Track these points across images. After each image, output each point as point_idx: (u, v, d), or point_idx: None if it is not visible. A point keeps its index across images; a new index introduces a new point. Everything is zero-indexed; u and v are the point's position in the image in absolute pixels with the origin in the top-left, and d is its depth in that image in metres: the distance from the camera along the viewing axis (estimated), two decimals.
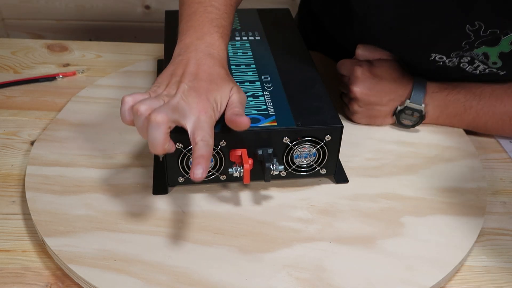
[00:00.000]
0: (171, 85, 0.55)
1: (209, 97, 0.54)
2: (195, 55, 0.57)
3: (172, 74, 0.56)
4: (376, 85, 0.70)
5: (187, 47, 0.59)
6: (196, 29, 0.60)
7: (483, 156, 0.71)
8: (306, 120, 0.59)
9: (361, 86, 0.70)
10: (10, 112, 0.78)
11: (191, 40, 0.59)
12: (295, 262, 0.54)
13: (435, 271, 0.53)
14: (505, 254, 0.58)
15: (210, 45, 0.59)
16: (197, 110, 0.53)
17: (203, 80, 0.55)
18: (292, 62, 0.71)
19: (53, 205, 0.59)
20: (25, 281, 0.54)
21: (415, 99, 0.70)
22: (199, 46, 0.58)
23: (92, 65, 0.90)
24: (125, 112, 0.53)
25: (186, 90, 0.53)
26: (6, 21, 1.52)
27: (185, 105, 0.52)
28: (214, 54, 0.59)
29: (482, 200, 0.62)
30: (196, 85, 0.54)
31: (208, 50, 0.58)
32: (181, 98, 0.53)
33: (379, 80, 0.70)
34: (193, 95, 0.53)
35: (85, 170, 0.65)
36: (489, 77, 0.70)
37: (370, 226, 0.58)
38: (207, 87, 0.55)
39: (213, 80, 0.56)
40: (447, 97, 0.70)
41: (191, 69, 0.56)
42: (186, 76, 0.55)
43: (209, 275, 0.52)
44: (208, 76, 0.56)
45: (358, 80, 0.70)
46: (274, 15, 0.84)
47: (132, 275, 0.52)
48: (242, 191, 0.62)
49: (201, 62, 0.57)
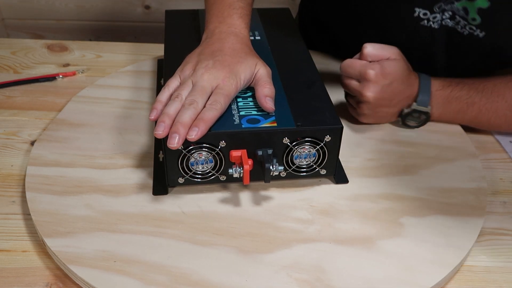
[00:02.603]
0: (200, 63, 0.62)
1: (232, 68, 0.61)
2: (219, 36, 0.65)
3: (199, 53, 0.64)
4: (388, 88, 0.68)
5: (212, 32, 0.67)
6: (217, 15, 0.68)
7: (483, 156, 0.71)
8: (306, 121, 0.59)
9: (374, 90, 0.67)
10: (10, 112, 0.78)
11: (215, 25, 0.67)
12: (295, 263, 0.54)
13: (434, 272, 0.53)
14: (505, 254, 0.58)
15: (231, 25, 0.67)
16: (219, 79, 0.60)
17: (227, 54, 0.62)
18: (292, 62, 0.71)
19: (53, 206, 0.59)
20: (25, 281, 0.54)
21: (421, 101, 0.69)
22: (222, 28, 0.66)
23: (92, 65, 0.90)
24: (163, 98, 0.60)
25: (211, 65, 0.61)
26: (6, 21, 1.52)
27: (210, 78, 0.60)
28: (236, 32, 0.66)
29: (482, 200, 0.62)
30: (220, 59, 0.61)
31: (230, 30, 0.66)
32: (206, 74, 0.60)
33: (390, 82, 0.68)
34: (218, 67, 0.60)
35: (85, 170, 0.65)
36: (472, 45, 0.71)
37: (370, 227, 0.58)
38: (231, 60, 0.62)
39: (237, 54, 0.63)
40: (450, 94, 0.70)
41: (216, 46, 0.64)
42: (212, 53, 0.63)
43: (208, 276, 0.52)
44: (232, 51, 0.63)
45: (371, 84, 0.67)
46: (274, 15, 0.84)
47: (131, 275, 0.52)
48: (242, 192, 0.62)
49: (225, 41, 0.64)
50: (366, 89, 0.68)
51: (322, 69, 0.70)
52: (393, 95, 0.69)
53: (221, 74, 0.60)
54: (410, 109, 0.70)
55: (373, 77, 0.67)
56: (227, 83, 0.59)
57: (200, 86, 0.59)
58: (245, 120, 0.59)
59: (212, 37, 0.66)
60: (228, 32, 0.66)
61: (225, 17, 0.67)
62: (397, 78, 0.68)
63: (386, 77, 0.67)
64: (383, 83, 0.67)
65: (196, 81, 0.60)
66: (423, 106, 0.70)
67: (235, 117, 0.59)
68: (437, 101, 0.71)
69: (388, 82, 0.68)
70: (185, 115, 0.56)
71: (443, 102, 0.71)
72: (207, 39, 0.66)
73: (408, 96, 0.70)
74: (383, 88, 0.68)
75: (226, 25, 0.67)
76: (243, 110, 0.60)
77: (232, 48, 0.63)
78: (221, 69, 0.60)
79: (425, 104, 0.69)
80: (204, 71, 0.60)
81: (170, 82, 0.62)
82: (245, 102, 0.62)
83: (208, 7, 0.71)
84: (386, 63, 0.68)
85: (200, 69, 0.61)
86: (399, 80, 0.68)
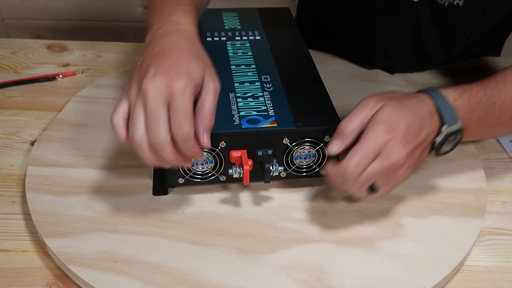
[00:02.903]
0: (145, 76, 0.51)
1: (179, 70, 0.51)
2: (160, 36, 0.57)
3: (141, 63, 0.54)
4: (407, 135, 0.53)
5: (153, 33, 0.58)
6: (160, 15, 0.60)
7: (483, 156, 0.71)
8: (306, 121, 0.59)
9: (399, 152, 0.52)
10: (10, 112, 0.78)
11: (158, 25, 0.59)
12: (295, 263, 0.54)
13: (434, 272, 0.53)
14: (505, 254, 0.58)
15: (174, 23, 0.59)
16: (169, 87, 0.49)
17: (170, 57, 0.53)
18: (292, 62, 0.71)
19: (53, 206, 0.59)
20: (25, 281, 0.54)
21: (449, 120, 0.56)
22: (165, 27, 0.58)
23: (92, 65, 0.90)
24: (121, 134, 0.52)
25: (152, 74, 0.50)
26: (6, 21, 1.52)
27: (157, 92, 0.49)
28: (181, 29, 0.58)
29: (482, 201, 0.62)
30: (162, 65, 0.51)
31: (173, 28, 0.58)
32: (151, 88, 0.50)
33: (405, 126, 0.53)
34: (161, 77, 0.50)
35: (85, 170, 0.65)
36: (455, 15, 0.71)
37: (370, 227, 0.58)
38: (176, 62, 0.52)
39: (182, 55, 0.53)
40: (470, 100, 0.58)
41: (157, 49, 0.54)
42: (155, 58, 0.53)
43: (208, 276, 0.52)
44: (176, 51, 0.54)
45: (389, 151, 0.52)
46: (275, 15, 0.84)
47: (132, 276, 0.52)
48: (242, 192, 0.62)
49: (168, 40, 0.56)
50: (392, 156, 0.52)
51: (322, 69, 0.70)
52: (416, 134, 0.54)
53: (167, 80, 0.50)
54: (442, 136, 0.56)
55: (382, 141, 0.52)
56: (178, 93, 0.49)
57: (152, 109, 0.49)
58: (245, 120, 0.59)
59: (153, 40, 0.57)
60: (172, 30, 0.58)
61: (168, 15, 0.60)
62: (406, 116, 0.54)
63: (396, 127, 0.53)
64: (399, 135, 0.53)
65: (146, 101, 0.50)
66: (453, 125, 0.56)
67: (235, 117, 0.59)
68: (462, 112, 0.57)
69: (403, 130, 0.53)
70: (164, 153, 0.50)
71: (466, 111, 0.58)
72: (149, 42, 0.58)
73: (431, 124, 0.55)
74: (402, 141, 0.53)
75: (167, 24, 0.59)
76: (243, 110, 0.60)
77: (177, 47, 0.54)
78: (164, 77, 0.50)
79: (455, 121, 0.56)
80: (149, 84, 0.50)
81: (119, 107, 0.52)
82: (245, 102, 0.62)
83: (151, 10, 0.64)
84: (380, 115, 0.53)
85: (145, 83, 0.50)
86: (410, 115, 0.54)
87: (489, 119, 0.60)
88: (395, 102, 0.55)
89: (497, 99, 0.59)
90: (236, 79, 0.66)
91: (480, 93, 0.59)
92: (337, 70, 0.86)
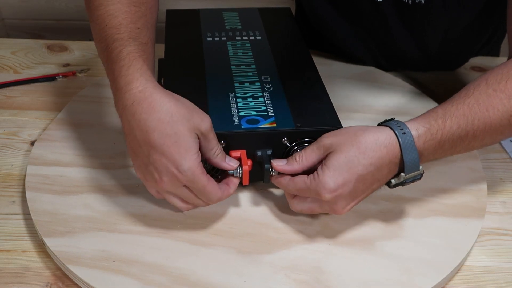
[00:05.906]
0: (145, 174, 0.53)
1: (174, 156, 0.51)
2: (130, 109, 0.52)
3: (134, 142, 0.53)
4: (357, 183, 0.53)
5: (121, 111, 0.53)
6: (113, 81, 0.55)
7: (483, 156, 0.71)
8: (305, 122, 0.59)
9: (342, 205, 0.54)
10: (10, 112, 0.78)
11: (117, 99, 0.54)
12: (294, 264, 0.54)
13: (434, 273, 0.53)
14: (505, 254, 0.58)
15: (134, 88, 0.52)
16: (171, 166, 0.51)
17: (155, 146, 0.51)
18: (293, 62, 0.71)
19: (53, 205, 0.59)
20: (25, 281, 0.54)
21: (410, 168, 0.53)
22: (127, 96, 0.52)
23: (92, 65, 0.90)
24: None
25: (159, 181, 0.52)
26: (6, 21, 1.52)
27: (170, 187, 0.53)
28: (140, 98, 0.51)
29: (482, 201, 0.62)
30: (161, 160, 0.51)
31: (137, 96, 0.52)
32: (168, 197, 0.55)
33: (355, 178, 0.52)
34: (168, 176, 0.52)
35: (85, 170, 0.65)
36: (420, 13, 0.73)
37: (369, 228, 0.58)
38: (170, 152, 0.51)
39: (169, 132, 0.50)
40: (441, 138, 0.54)
41: (140, 137, 0.51)
42: (143, 147, 0.52)
43: (207, 277, 0.52)
44: (157, 135, 0.51)
45: (333, 203, 0.53)
46: (275, 15, 0.84)
47: (130, 276, 0.52)
48: (241, 192, 0.62)
49: (139, 124, 0.51)
50: (334, 209, 0.54)
51: (322, 69, 0.70)
52: (366, 187, 0.54)
53: (175, 177, 0.52)
54: (399, 180, 0.54)
55: (328, 195, 0.52)
56: (190, 180, 0.52)
57: (179, 204, 0.55)
58: (245, 120, 0.59)
59: (122, 116, 0.53)
60: (138, 99, 0.51)
61: (122, 79, 0.53)
62: (359, 170, 0.52)
63: (343, 185, 0.52)
64: (345, 192, 0.52)
65: (168, 199, 0.55)
66: (415, 171, 0.54)
67: (235, 117, 0.59)
68: (428, 152, 0.54)
69: (349, 187, 0.52)
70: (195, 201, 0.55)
71: (433, 151, 0.55)
72: (122, 122, 0.54)
73: (388, 172, 0.54)
74: (347, 198, 0.53)
75: (126, 94, 0.52)
76: (242, 110, 0.60)
77: (160, 122, 0.50)
78: (162, 159, 0.51)
79: (417, 169, 0.54)
80: (162, 187, 0.53)
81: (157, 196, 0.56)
82: (245, 102, 0.62)
83: (101, 57, 0.60)
84: (329, 162, 0.52)
85: (159, 189, 0.54)
86: (365, 167, 0.52)
87: (457, 147, 0.56)
88: (353, 150, 0.52)
89: (470, 129, 0.55)
90: (236, 79, 0.66)
91: (454, 127, 0.54)
92: (338, 70, 0.86)
